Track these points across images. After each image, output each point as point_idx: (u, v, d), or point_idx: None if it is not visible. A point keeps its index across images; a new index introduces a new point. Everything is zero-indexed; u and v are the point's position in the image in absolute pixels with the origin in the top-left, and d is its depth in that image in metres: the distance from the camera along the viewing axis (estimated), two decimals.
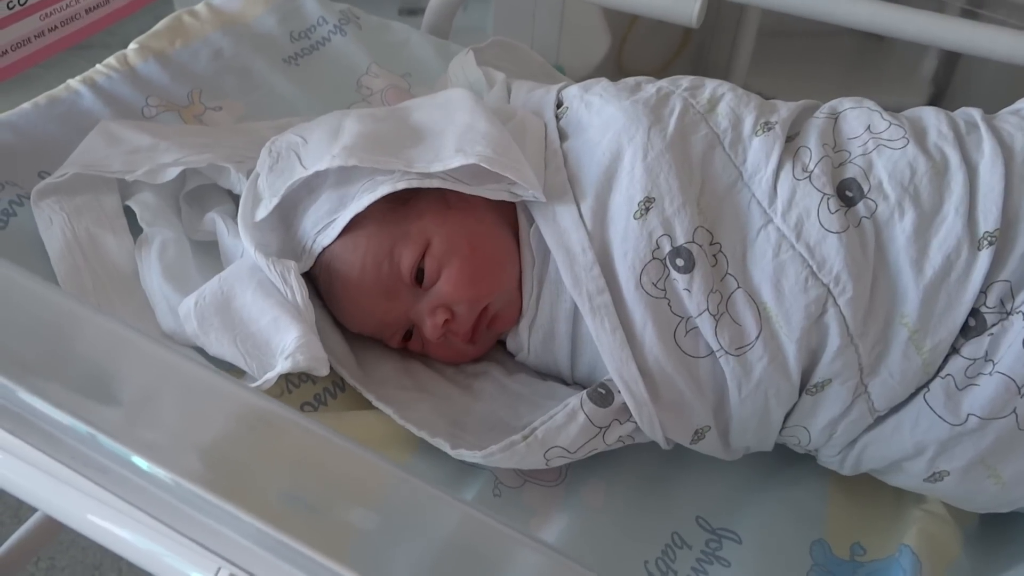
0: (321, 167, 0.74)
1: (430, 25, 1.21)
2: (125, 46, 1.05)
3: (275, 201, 0.76)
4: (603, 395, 0.72)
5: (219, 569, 0.43)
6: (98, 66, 1.03)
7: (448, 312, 0.76)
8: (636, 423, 0.72)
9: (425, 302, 0.76)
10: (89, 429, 0.43)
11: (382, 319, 0.78)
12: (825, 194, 0.71)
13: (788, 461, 0.80)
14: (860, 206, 0.71)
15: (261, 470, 0.47)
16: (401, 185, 0.73)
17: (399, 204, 0.76)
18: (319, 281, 0.79)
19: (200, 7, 1.13)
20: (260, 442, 0.48)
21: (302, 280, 0.74)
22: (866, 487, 0.79)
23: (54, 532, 1.03)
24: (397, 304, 0.77)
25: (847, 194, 0.71)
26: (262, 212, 0.77)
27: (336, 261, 0.77)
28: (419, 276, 0.76)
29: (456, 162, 0.73)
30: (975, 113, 0.76)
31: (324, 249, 0.77)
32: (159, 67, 1.03)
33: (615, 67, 1.87)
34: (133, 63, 1.03)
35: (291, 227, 0.79)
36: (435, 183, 0.74)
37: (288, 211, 0.79)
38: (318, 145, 0.77)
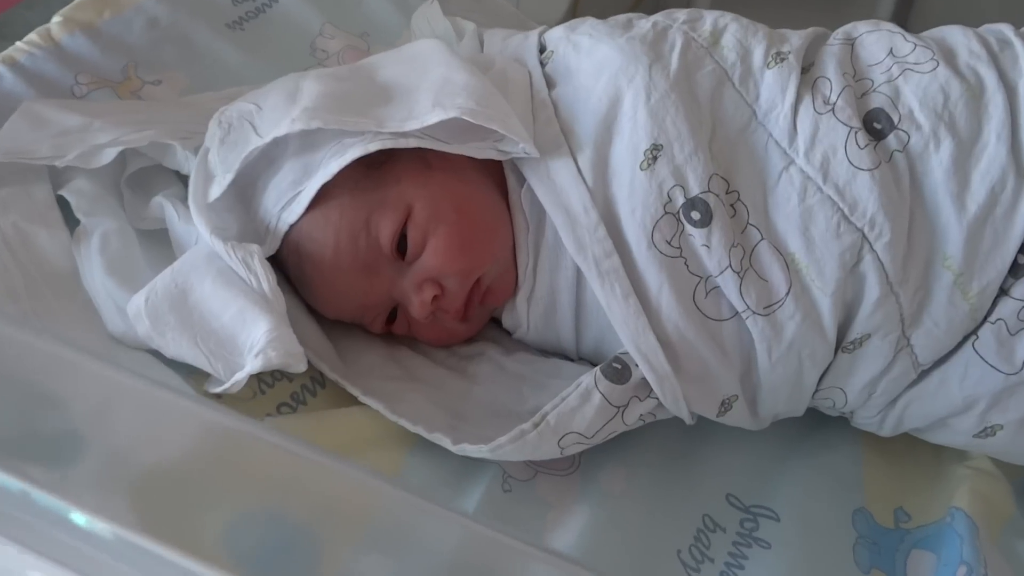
0: (280, 132, 0.64)
1: None
2: (47, 21, 0.94)
3: (230, 177, 0.66)
4: (619, 370, 0.64)
5: None
6: (18, 43, 0.91)
7: (437, 287, 0.67)
8: (658, 399, 0.64)
9: (410, 277, 0.68)
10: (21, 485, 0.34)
11: (362, 301, 0.69)
12: (852, 127, 0.63)
13: (817, 424, 0.74)
14: (891, 138, 0.63)
15: (223, 507, 0.38)
16: (373, 147, 0.64)
17: (372, 169, 0.67)
18: (288, 265, 0.70)
19: None
20: (226, 471, 0.39)
21: (268, 265, 0.64)
22: (901, 445, 0.73)
23: None
24: (378, 282, 0.68)
25: (875, 126, 0.64)
26: (216, 191, 0.67)
27: (305, 239, 0.68)
28: (401, 248, 0.67)
29: (434, 117, 0.64)
30: (1005, 28, 0.68)
31: (291, 227, 0.67)
32: (87, 40, 0.92)
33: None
34: (57, 38, 0.91)
35: (251, 206, 0.69)
36: (412, 143, 0.65)
37: (246, 188, 0.69)
38: (274, 110, 0.67)
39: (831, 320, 0.63)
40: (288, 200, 0.67)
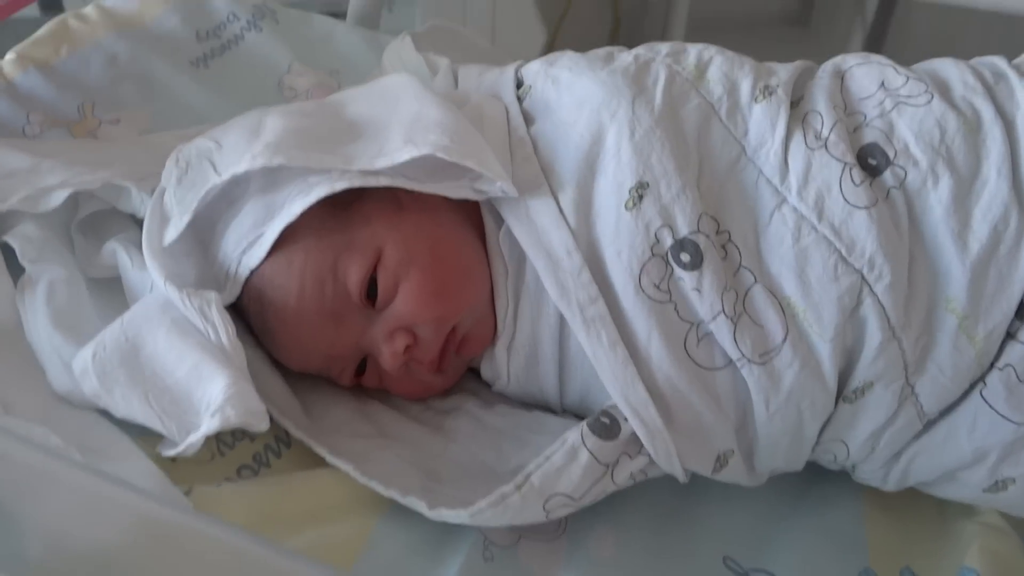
0: (240, 170, 0.60)
1: (357, 15, 1.08)
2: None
3: (187, 218, 0.62)
4: (607, 425, 0.60)
5: None
6: None
7: (409, 336, 0.62)
8: (650, 456, 0.60)
9: (380, 325, 0.63)
10: None
11: (329, 351, 0.64)
12: (846, 163, 0.60)
13: (815, 478, 0.69)
14: (887, 175, 0.60)
15: None
16: (340, 185, 0.60)
17: (340, 209, 0.63)
18: (249, 313, 0.65)
19: (89, 9, 0.97)
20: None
21: (227, 315, 0.59)
22: (903, 501, 0.69)
23: None
24: (346, 331, 0.63)
25: (870, 162, 0.61)
26: (172, 233, 0.62)
27: (268, 285, 0.63)
28: (371, 294, 0.63)
29: (406, 155, 0.60)
30: (998, 61, 0.66)
31: (252, 272, 0.63)
32: (42, 78, 0.88)
33: None
34: (10, 75, 0.87)
35: (209, 251, 0.65)
36: (382, 182, 0.61)
37: (204, 232, 0.65)
38: (235, 147, 0.63)
39: (831, 368, 0.59)
40: (249, 243, 0.62)
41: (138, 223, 0.73)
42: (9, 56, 0.90)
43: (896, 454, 0.63)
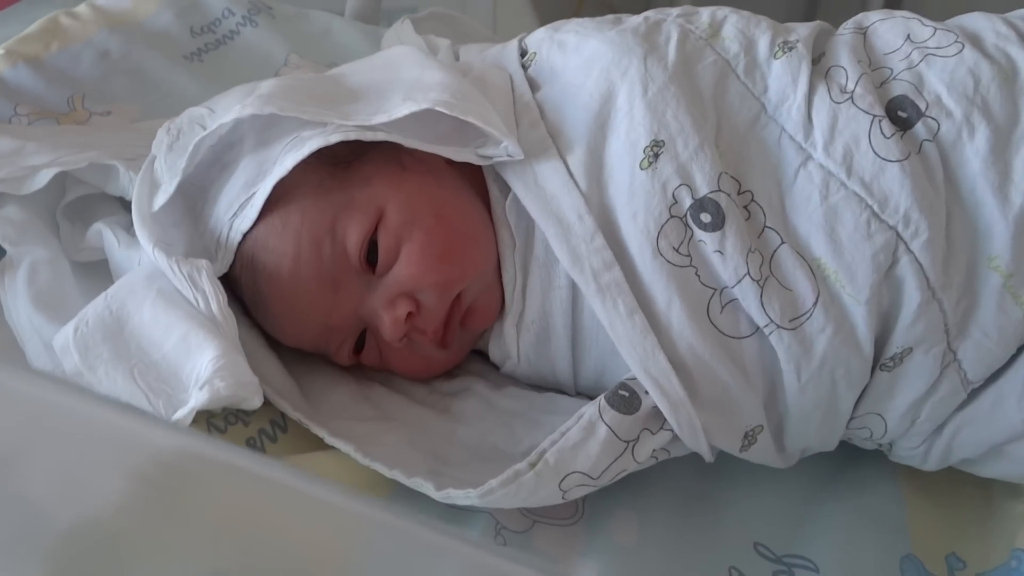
0: (228, 119, 0.57)
1: (354, 11, 1.05)
2: None
3: (176, 181, 0.58)
4: (626, 398, 0.56)
5: None
6: None
7: (412, 302, 0.58)
8: (672, 431, 0.56)
9: (381, 292, 0.59)
10: None
11: (325, 321, 0.60)
12: (874, 115, 0.57)
13: (849, 461, 0.65)
14: (919, 127, 0.57)
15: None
16: (335, 137, 0.56)
17: (339, 169, 0.59)
18: (241, 284, 0.61)
19: (82, 7, 0.95)
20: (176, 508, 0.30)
21: (218, 283, 0.56)
22: (944, 483, 0.65)
23: None
24: (344, 298, 0.59)
25: (899, 114, 0.57)
26: (161, 198, 0.59)
27: (261, 249, 0.59)
28: (371, 258, 0.59)
29: (405, 110, 0.57)
30: None
31: (244, 236, 0.59)
32: (31, 72, 0.85)
33: None
34: None
35: (200, 221, 0.61)
36: (380, 136, 0.57)
37: (196, 200, 0.61)
38: (227, 107, 0.60)
39: (867, 332, 0.55)
40: (241, 205, 0.58)
41: (126, 206, 0.69)
42: None
43: (938, 428, 0.58)
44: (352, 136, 0.56)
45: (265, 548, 0.32)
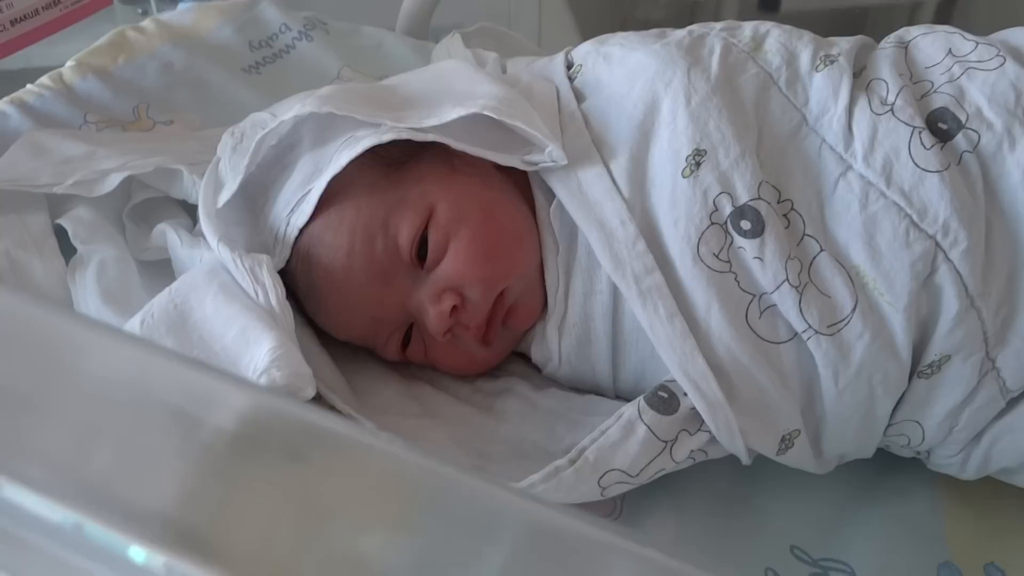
0: (287, 116, 0.60)
1: (405, 27, 1.09)
2: None
3: (239, 179, 0.62)
4: (665, 399, 0.57)
5: None
6: (29, 86, 0.89)
7: (457, 296, 0.61)
8: (710, 432, 0.57)
9: (428, 286, 0.61)
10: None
11: (375, 313, 0.63)
12: (914, 127, 0.58)
13: (886, 469, 0.65)
14: (959, 138, 0.58)
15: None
16: (387, 137, 0.59)
17: (392, 169, 0.62)
18: (297, 277, 0.64)
19: (147, 22, 1.00)
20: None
21: (277, 276, 0.59)
22: (984, 493, 0.64)
23: None
24: (393, 292, 0.62)
25: (940, 126, 0.58)
26: (225, 195, 0.62)
27: (316, 243, 0.62)
28: (421, 254, 0.61)
29: (454, 114, 0.59)
30: None
31: (301, 232, 0.62)
32: (100, 83, 0.90)
33: None
34: (69, 81, 0.89)
35: (260, 218, 0.64)
36: (430, 137, 0.60)
37: (257, 199, 0.64)
38: (287, 109, 0.63)
39: (905, 339, 0.56)
40: (298, 201, 0.61)
41: (189, 209, 0.73)
42: (69, 64, 0.92)
43: (976, 436, 0.59)
44: (404, 136, 0.59)
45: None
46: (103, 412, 0.31)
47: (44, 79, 0.90)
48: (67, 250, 0.69)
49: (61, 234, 0.70)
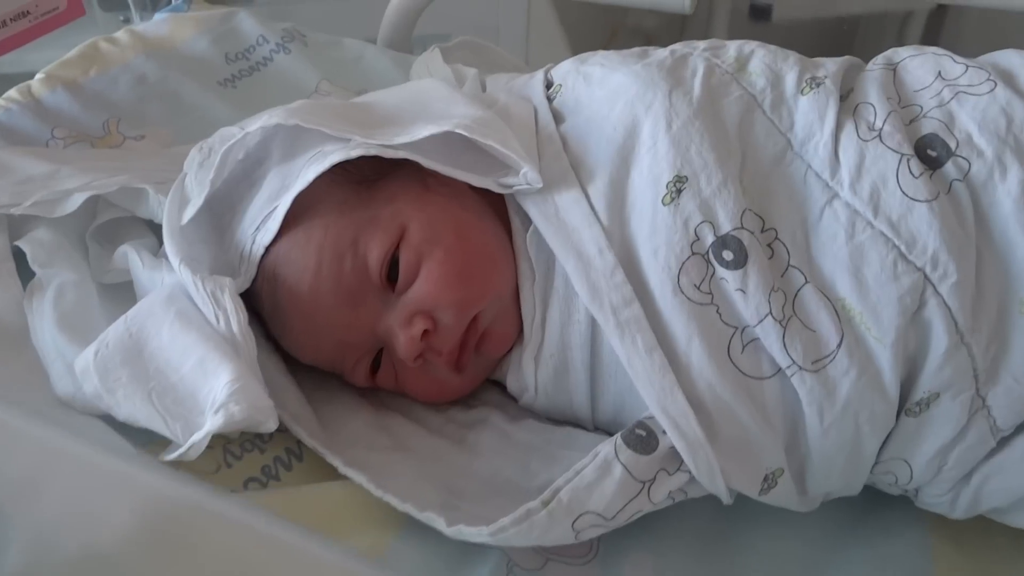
0: (253, 127, 0.58)
1: (387, 39, 1.06)
2: None
3: (204, 194, 0.59)
4: (643, 438, 0.55)
5: None
6: None
7: (428, 320, 0.58)
8: (690, 473, 0.55)
9: (399, 310, 0.59)
10: None
11: (343, 337, 0.60)
12: (902, 154, 0.56)
13: (873, 506, 0.63)
14: (948, 166, 0.56)
15: None
16: (356, 152, 0.57)
17: (363, 187, 0.60)
18: (262, 298, 0.62)
19: (120, 33, 0.98)
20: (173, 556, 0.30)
21: (240, 301, 0.56)
22: (975, 533, 0.62)
23: None
24: (362, 315, 0.59)
25: (929, 153, 0.56)
26: (190, 211, 0.60)
27: (283, 262, 0.59)
28: (392, 276, 0.59)
29: (427, 131, 0.57)
30: None
31: (267, 250, 0.59)
32: (68, 96, 0.87)
33: None
34: (37, 94, 0.87)
35: (225, 237, 0.62)
36: (400, 154, 0.57)
37: (224, 215, 0.62)
38: (255, 121, 0.61)
39: (892, 376, 0.53)
40: (264, 218, 0.59)
41: (155, 229, 0.70)
42: (38, 76, 0.90)
43: (966, 475, 0.57)
44: (373, 151, 0.57)
45: None
46: None
47: (12, 92, 0.88)
48: (26, 274, 0.67)
49: (20, 257, 0.68)
